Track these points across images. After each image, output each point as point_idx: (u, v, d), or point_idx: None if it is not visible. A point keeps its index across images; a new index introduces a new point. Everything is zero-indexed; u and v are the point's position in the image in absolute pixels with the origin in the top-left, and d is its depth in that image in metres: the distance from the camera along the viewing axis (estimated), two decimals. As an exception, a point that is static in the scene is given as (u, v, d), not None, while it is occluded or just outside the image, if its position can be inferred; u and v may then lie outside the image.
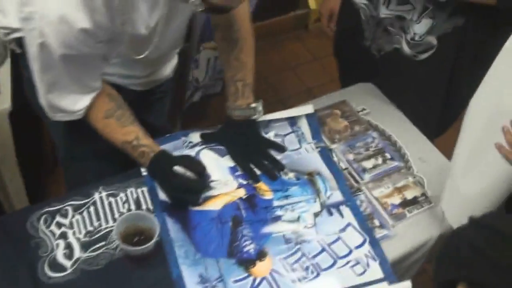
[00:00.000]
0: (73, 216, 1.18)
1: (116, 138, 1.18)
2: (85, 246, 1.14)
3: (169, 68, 1.43)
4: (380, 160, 1.36)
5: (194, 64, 2.05)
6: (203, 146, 1.33)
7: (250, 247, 1.15)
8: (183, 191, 1.16)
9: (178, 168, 1.15)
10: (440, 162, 1.38)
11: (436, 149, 1.41)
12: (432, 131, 1.44)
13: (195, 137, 1.35)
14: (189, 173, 1.15)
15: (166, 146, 1.32)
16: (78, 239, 1.14)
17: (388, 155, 1.37)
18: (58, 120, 1.16)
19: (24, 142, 1.66)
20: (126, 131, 1.18)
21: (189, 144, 1.34)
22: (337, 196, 1.26)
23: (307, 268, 1.13)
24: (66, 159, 1.39)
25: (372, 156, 1.37)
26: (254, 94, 1.31)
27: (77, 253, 1.12)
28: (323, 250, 1.16)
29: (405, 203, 1.27)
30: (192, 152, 1.31)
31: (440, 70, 1.44)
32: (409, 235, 1.22)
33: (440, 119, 1.55)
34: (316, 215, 1.22)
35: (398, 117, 1.48)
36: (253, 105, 1.28)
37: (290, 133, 1.39)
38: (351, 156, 1.36)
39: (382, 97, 1.53)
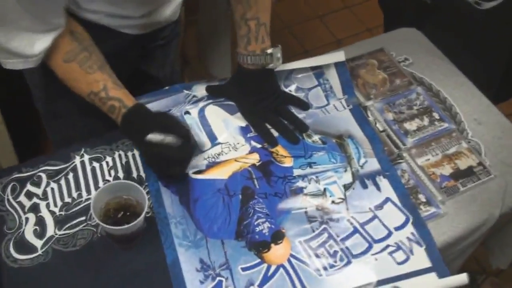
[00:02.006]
0: (47, 185, 0.97)
1: (80, 88, 0.94)
2: (60, 222, 0.92)
3: (170, 7, 1.18)
4: (426, 121, 1.11)
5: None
6: (209, 101, 1.10)
7: (263, 227, 0.92)
8: (164, 163, 0.93)
9: (153, 137, 0.90)
10: (501, 124, 1.12)
11: (495, 109, 1.15)
12: (491, 96, 1.17)
13: (200, 90, 1.11)
14: (169, 138, 0.91)
15: (165, 101, 1.10)
16: (52, 213, 0.93)
17: (436, 115, 1.12)
18: (11, 68, 0.91)
19: (10, 89, 1.45)
20: (91, 79, 0.93)
21: (193, 98, 1.10)
22: (373, 165, 1.02)
23: (335, 254, 0.90)
24: (47, 115, 1.16)
25: (416, 115, 1.11)
26: (271, 38, 1.06)
27: (51, 230, 0.91)
28: (355, 231, 0.93)
29: (458, 174, 1.03)
30: (195, 108, 1.08)
31: (510, 22, 1.16)
32: (463, 214, 0.98)
33: (503, 82, 1.28)
34: (346, 187, 0.98)
35: (449, 69, 1.21)
36: (270, 50, 1.03)
37: (316, 86, 1.14)
38: (390, 116, 1.11)
39: (428, 45, 1.26)
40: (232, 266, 0.88)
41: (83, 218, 0.93)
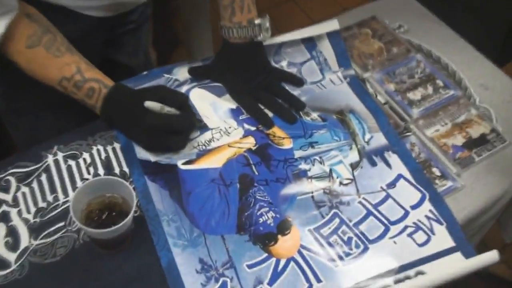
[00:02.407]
0: (17, 189, 0.85)
1: (50, 75, 0.83)
2: (35, 230, 0.81)
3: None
4: (430, 89, 1.02)
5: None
6: (193, 84, 0.99)
7: (267, 217, 0.82)
8: (165, 135, 0.83)
9: (151, 104, 0.81)
10: (509, 87, 1.04)
11: (501, 72, 1.07)
12: (493, 58, 1.09)
13: (182, 73, 1.01)
14: (167, 109, 0.83)
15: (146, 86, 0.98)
16: (25, 221, 0.81)
17: (440, 82, 1.03)
18: None
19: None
20: (61, 63, 0.83)
21: (175, 82, 1.00)
22: (380, 140, 0.93)
23: (349, 241, 0.81)
24: (8, 113, 1.04)
25: (419, 84, 1.03)
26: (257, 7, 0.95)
27: (25, 240, 0.80)
28: (368, 214, 0.84)
29: (471, 143, 0.94)
30: (178, 93, 0.97)
31: None
32: (481, 186, 0.90)
33: (506, 43, 1.19)
34: (354, 166, 0.89)
35: (446, 33, 1.13)
36: (257, 21, 0.93)
37: (309, 60, 1.04)
38: (391, 86, 1.02)
39: (421, 10, 1.18)
40: (237, 264, 0.78)
41: (62, 223, 0.81)
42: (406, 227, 0.83)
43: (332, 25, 1.02)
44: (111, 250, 0.79)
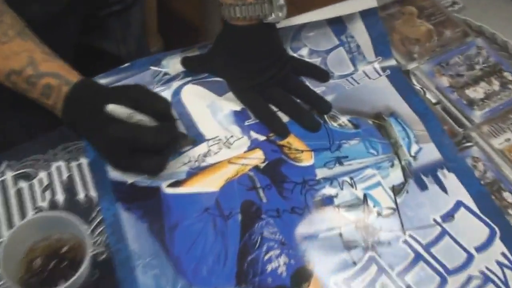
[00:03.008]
0: (-51, 221, 0.65)
1: None
2: (-33, 279, 0.61)
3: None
4: (496, 85, 0.79)
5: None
6: (187, 79, 0.78)
7: (278, 263, 0.60)
8: (132, 147, 0.62)
9: (115, 109, 0.60)
10: None
11: None
12: None
13: (173, 64, 0.79)
14: (139, 117, 0.61)
15: (125, 82, 0.77)
16: (-45, 265, 0.61)
17: (508, 75, 0.80)
18: None
19: None
20: (8, 52, 0.64)
21: (164, 77, 0.78)
22: (431, 153, 0.70)
23: (391, 298, 0.59)
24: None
25: (481, 78, 0.80)
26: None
27: (-48, 293, 0.60)
28: (417, 258, 0.62)
29: (555, 158, 0.71)
30: (168, 91, 0.77)
31: None
32: None
33: None
34: (397, 191, 0.67)
35: (513, 11, 0.90)
36: (268, -4, 0.70)
37: (337, 46, 0.81)
38: (444, 81, 0.79)
39: (481, -18, 0.94)
40: (235, 332, 0.56)
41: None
42: (470, 278, 0.60)
43: (368, 1, 0.79)
44: (64, 309, 0.58)
